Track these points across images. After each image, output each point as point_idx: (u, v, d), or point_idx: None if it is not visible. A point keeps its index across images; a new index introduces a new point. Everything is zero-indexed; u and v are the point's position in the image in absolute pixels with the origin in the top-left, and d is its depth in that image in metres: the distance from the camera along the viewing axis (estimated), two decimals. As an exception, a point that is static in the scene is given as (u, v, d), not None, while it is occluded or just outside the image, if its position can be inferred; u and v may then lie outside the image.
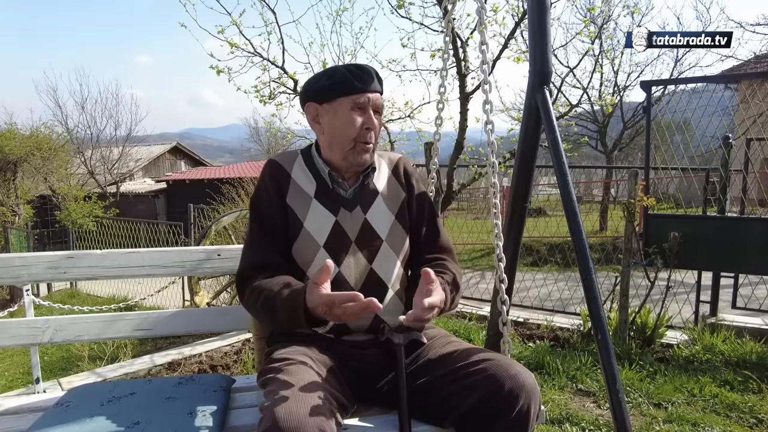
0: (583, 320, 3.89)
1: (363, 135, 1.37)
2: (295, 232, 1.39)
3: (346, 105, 1.36)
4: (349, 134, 1.37)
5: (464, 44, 3.62)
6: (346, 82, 1.35)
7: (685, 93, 5.87)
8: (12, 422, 1.35)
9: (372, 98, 1.38)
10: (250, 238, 1.41)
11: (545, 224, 7.77)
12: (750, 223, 3.65)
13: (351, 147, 1.38)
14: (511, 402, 1.15)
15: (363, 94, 1.36)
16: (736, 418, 2.60)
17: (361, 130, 1.37)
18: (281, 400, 1.05)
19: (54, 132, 15.26)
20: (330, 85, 1.37)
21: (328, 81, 1.37)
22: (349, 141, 1.37)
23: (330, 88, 1.37)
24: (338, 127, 1.38)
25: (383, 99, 1.46)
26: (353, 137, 1.37)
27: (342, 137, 1.38)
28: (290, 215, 1.40)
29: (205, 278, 4.54)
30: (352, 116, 1.36)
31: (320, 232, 1.38)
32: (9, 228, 10.79)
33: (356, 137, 1.37)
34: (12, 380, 4.48)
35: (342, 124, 1.37)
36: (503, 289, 1.52)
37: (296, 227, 1.39)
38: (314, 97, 1.41)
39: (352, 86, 1.35)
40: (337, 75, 1.37)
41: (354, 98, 1.36)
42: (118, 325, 1.70)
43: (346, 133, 1.37)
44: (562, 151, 1.52)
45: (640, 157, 12.93)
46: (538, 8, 1.57)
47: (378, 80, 1.40)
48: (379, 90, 1.40)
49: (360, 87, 1.36)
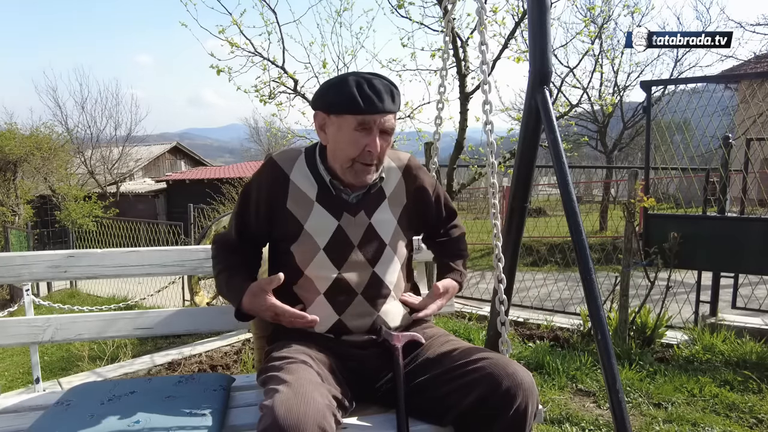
0: (583, 320, 3.89)
1: (363, 156, 1.32)
2: (294, 234, 1.37)
3: (351, 123, 1.30)
4: (348, 153, 1.32)
5: (464, 44, 3.63)
6: (352, 102, 1.28)
7: (685, 93, 5.86)
8: (12, 420, 1.35)
9: (379, 121, 1.30)
10: (233, 216, 1.48)
11: (545, 224, 7.77)
12: (750, 223, 3.65)
13: (349, 165, 1.33)
14: (509, 401, 1.15)
15: (370, 116, 1.29)
16: (736, 418, 2.60)
17: (363, 151, 1.31)
18: (281, 399, 1.05)
19: (54, 132, 15.29)
20: (337, 101, 1.31)
21: (336, 96, 1.31)
22: (348, 159, 1.33)
23: (337, 104, 1.31)
24: (340, 142, 1.33)
25: (396, 117, 1.38)
26: (352, 157, 1.32)
27: (342, 153, 1.34)
28: (290, 218, 1.37)
29: (205, 278, 4.54)
30: (355, 136, 1.30)
31: (321, 235, 1.36)
32: (9, 228, 10.80)
33: (356, 157, 1.32)
34: (12, 380, 4.48)
35: (344, 140, 1.32)
36: (502, 290, 1.52)
37: (296, 229, 1.37)
38: (321, 107, 1.36)
39: (358, 107, 1.28)
40: (345, 92, 1.29)
41: (359, 118, 1.29)
42: (118, 324, 1.70)
43: (346, 151, 1.32)
44: (562, 151, 1.52)
45: (640, 157, 12.91)
46: (538, 8, 1.57)
47: (391, 99, 1.32)
48: (390, 110, 1.32)
49: (367, 108, 1.28)
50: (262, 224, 1.42)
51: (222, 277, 1.42)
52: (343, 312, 1.35)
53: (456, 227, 1.65)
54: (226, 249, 1.47)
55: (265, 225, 1.42)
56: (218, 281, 1.44)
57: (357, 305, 1.36)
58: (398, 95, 1.35)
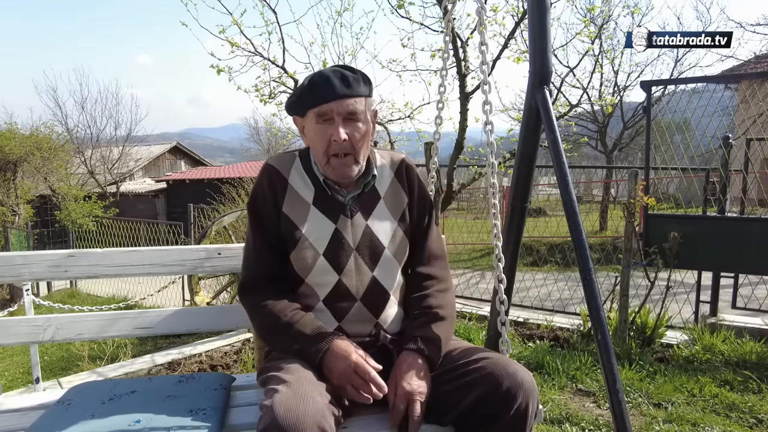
0: (583, 320, 3.89)
1: (332, 147, 1.30)
2: (293, 240, 1.35)
3: (312, 118, 1.31)
4: (319, 148, 1.32)
5: (464, 44, 3.63)
6: (305, 95, 1.30)
7: (685, 93, 5.86)
8: (13, 420, 1.35)
9: (337, 107, 1.28)
10: (252, 245, 1.38)
11: (545, 224, 7.77)
12: (750, 223, 3.65)
13: (326, 162, 1.33)
14: (509, 400, 1.15)
15: (324, 105, 1.28)
16: (736, 418, 2.60)
17: (330, 142, 1.30)
18: (281, 398, 1.06)
19: (54, 132, 15.28)
20: (296, 99, 1.34)
21: (295, 98, 1.34)
22: (322, 155, 1.32)
23: (297, 102, 1.34)
24: (312, 140, 1.34)
25: (367, 100, 1.35)
26: (323, 151, 1.31)
27: (316, 151, 1.34)
28: (287, 223, 1.35)
29: (205, 278, 4.54)
30: (319, 129, 1.30)
31: (319, 240, 1.35)
32: (9, 228, 10.80)
33: (326, 150, 1.31)
34: (12, 380, 4.48)
35: (313, 137, 1.33)
36: (502, 290, 1.52)
37: (294, 235, 1.35)
38: (294, 112, 1.38)
39: (312, 98, 1.29)
40: (300, 90, 1.31)
41: (316, 110, 1.29)
42: (118, 324, 1.70)
43: (317, 147, 1.33)
44: (562, 151, 1.52)
45: (640, 157, 12.92)
46: (538, 8, 1.57)
47: (344, 83, 1.28)
48: (346, 94, 1.28)
49: (319, 98, 1.28)
50: (276, 221, 1.37)
51: (280, 325, 1.27)
52: (343, 318, 1.34)
53: (435, 279, 1.41)
54: (257, 288, 1.35)
55: (278, 220, 1.37)
56: (275, 328, 1.28)
57: (357, 311, 1.34)
58: (355, 79, 1.31)
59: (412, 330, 1.32)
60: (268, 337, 1.34)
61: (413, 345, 1.27)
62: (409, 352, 1.26)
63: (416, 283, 1.42)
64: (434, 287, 1.40)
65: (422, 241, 1.46)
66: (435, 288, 1.40)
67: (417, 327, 1.32)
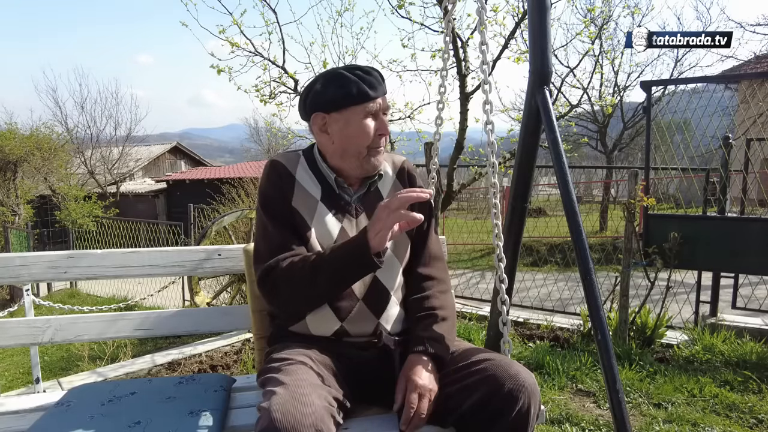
0: (583, 320, 3.89)
1: (376, 141, 1.36)
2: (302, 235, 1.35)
3: (359, 114, 1.32)
4: (363, 142, 1.34)
5: (464, 44, 3.63)
6: (360, 92, 1.31)
7: (685, 93, 5.87)
8: (13, 422, 1.35)
9: (383, 103, 1.36)
10: (263, 231, 1.35)
11: (545, 224, 7.78)
12: (750, 223, 3.65)
13: (365, 154, 1.36)
14: (511, 402, 1.15)
15: (375, 101, 1.33)
16: (736, 418, 2.60)
17: (375, 137, 1.35)
18: (279, 400, 1.05)
19: (54, 132, 15.26)
20: (342, 95, 1.32)
21: (339, 91, 1.32)
22: (363, 149, 1.35)
23: (342, 98, 1.32)
24: (351, 136, 1.34)
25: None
26: (367, 145, 1.35)
27: (356, 146, 1.34)
28: (297, 218, 1.35)
29: (205, 278, 4.54)
30: (365, 124, 1.33)
31: (326, 238, 1.34)
32: (9, 228, 10.78)
33: (370, 144, 1.35)
34: (12, 380, 4.48)
35: (355, 132, 1.33)
36: (503, 289, 1.52)
37: (303, 231, 1.34)
38: (322, 108, 1.35)
39: (366, 95, 1.31)
40: (349, 84, 1.31)
41: (366, 106, 1.32)
42: (118, 325, 1.69)
43: (360, 142, 1.34)
44: (562, 151, 1.52)
45: (640, 157, 12.93)
46: (538, 8, 1.57)
47: (382, 80, 1.37)
48: (385, 90, 1.37)
49: (373, 95, 1.32)
50: (287, 212, 1.34)
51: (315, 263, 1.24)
52: (345, 318, 1.34)
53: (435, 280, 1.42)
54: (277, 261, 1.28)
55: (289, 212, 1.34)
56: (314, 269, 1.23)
57: (359, 312, 1.34)
58: (384, 77, 1.40)
59: (418, 331, 1.31)
60: (309, 278, 1.24)
61: (421, 347, 1.27)
62: (416, 354, 1.26)
63: (417, 284, 1.42)
64: (435, 288, 1.40)
65: (423, 242, 1.46)
66: (436, 289, 1.40)
67: (422, 328, 1.32)
